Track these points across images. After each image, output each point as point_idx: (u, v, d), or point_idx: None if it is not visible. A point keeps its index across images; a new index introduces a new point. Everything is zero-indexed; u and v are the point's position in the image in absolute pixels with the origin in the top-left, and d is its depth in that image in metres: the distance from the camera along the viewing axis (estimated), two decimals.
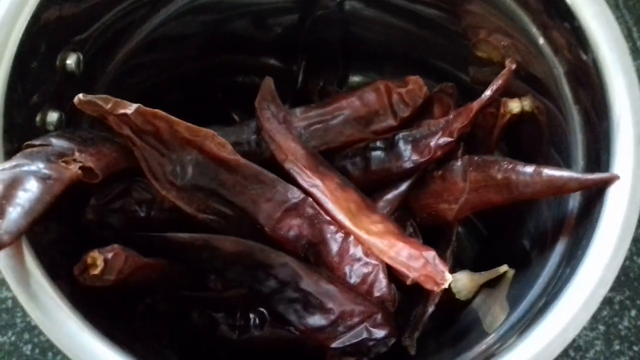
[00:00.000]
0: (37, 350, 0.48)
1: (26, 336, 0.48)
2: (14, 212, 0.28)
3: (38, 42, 0.33)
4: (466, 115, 0.37)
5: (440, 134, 0.38)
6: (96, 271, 0.31)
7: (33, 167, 0.30)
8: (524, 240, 0.39)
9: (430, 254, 0.34)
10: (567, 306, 0.27)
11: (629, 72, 0.31)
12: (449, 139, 0.38)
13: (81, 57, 0.36)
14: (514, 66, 0.36)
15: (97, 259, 0.31)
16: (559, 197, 0.34)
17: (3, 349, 0.48)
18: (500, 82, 0.37)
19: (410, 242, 0.35)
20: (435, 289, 0.33)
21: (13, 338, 0.48)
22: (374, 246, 0.35)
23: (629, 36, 0.61)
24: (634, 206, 0.29)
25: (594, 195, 0.30)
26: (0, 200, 0.28)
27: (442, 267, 0.33)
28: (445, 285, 0.33)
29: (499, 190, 0.35)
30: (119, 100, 0.33)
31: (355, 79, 0.51)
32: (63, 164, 0.31)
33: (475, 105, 0.37)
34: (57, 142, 0.32)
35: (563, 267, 0.30)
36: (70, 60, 0.35)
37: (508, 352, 0.27)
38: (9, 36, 0.31)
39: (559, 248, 0.32)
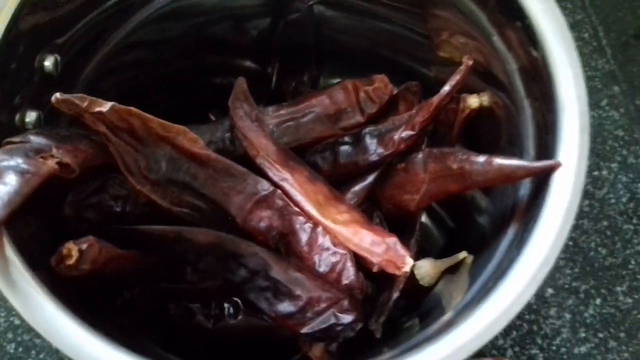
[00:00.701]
0: (20, 349, 0.49)
1: (9, 335, 0.49)
2: None
3: (16, 44, 0.34)
4: (427, 110, 0.39)
5: (403, 127, 0.40)
6: (71, 261, 0.32)
7: (12, 162, 0.31)
8: (484, 226, 0.41)
9: (392, 240, 0.35)
10: (514, 284, 0.29)
11: (575, 66, 0.33)
12: (411, 132, 0.40)
13: (59, 59, 0.37)
14: (470, 62, 0.38)
15: (72, 249, 0.32)
16: (515, 185, 0.36)
17: None
18: (458, 77, 0.38)
19: (374, 229, 0.36)
20: (397, 272, 0.35)
21: None
22: (340, 234, 0.37)
23: (594, 36, 0.62)
24: (577, 191, 0.30)
25: (542, 182, 0.32)
26: None
27: (403, 252, 0.35)
28: (407, 269, 0.34)
29: (455, 180, 0.36)
30: (94, 98, 0.34)
31: (327, 80, 0.52)
32: (41, 160, 0.32)
33: (435, 99, 0.39)
34: (36, 139, 0.33)
35: (514, 249, 0.32)
36: (48, 62, 0.36)
37: (460, 324, 0.29)
38: None
39: (510, 232, 0.33)
